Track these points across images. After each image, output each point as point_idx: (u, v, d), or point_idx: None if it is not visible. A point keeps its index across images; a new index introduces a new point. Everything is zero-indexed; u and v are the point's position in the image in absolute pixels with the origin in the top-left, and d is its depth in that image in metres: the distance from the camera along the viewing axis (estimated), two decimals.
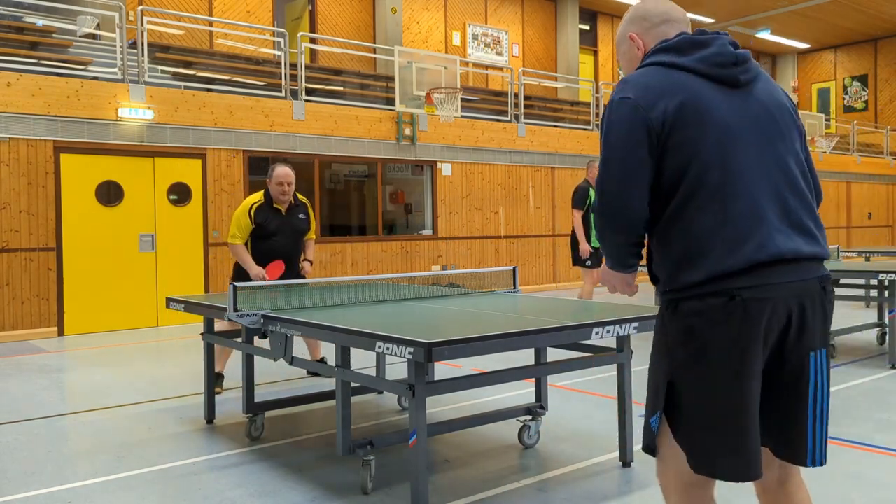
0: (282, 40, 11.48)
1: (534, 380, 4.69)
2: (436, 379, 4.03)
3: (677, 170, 1.98)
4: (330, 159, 11.81)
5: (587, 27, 21.26)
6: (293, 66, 11.97)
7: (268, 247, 5.79)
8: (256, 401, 4.61)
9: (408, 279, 9.48)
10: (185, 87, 10.71)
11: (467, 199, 13.28)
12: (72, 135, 9.25)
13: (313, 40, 15.38)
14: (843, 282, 7.77)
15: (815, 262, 2.03)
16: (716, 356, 1.95)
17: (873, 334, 8.23)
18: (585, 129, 15.66)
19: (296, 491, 3.70)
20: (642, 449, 2.15)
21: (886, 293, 6.68)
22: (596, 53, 21.72)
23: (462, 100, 12.66)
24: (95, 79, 9.67)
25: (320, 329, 3.54)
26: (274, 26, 15.14)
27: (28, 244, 9.05)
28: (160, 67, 11.71)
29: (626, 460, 3.96)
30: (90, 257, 9.46)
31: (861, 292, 10.23)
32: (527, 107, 15.60)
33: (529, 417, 4.35)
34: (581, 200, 8.40)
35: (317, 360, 6.26)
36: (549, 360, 4.26)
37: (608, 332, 3.47)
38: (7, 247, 8.91)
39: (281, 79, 11.50)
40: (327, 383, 6.04)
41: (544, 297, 4.98)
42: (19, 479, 3.94)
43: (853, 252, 11.71)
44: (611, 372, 5.96)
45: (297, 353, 4.17)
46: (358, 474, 3.83)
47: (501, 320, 3.64)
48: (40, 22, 12.07)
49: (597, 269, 8.42)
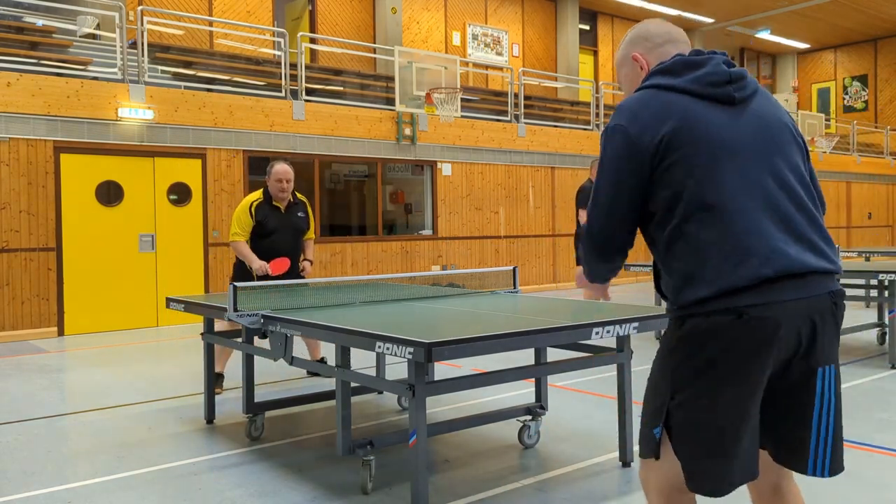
0: (282, 40, 11.48)
1: (534, 380, 4.69)
2: (436, 379, 4.03)
3: (675, 190, 1.98)
4: (330, 159, 11.81)
5: (587, 27, 21.26)
6: (293, 66, 11.97)
7: (268, 245, 5.80)
8: (256, 401, 4.61)
9: (408, 279, 9.49)
10: (185, 87, 10.71)
11: (467, 199, 13.28)
12: (72, 135, 9.26)
13: (313, 40, 15.38)
14: (842, 282, 7.78)
15: (825, 276, 1.98)
16: (720, 376, 1.93)
17: (873, 334, 8.23)
18: (585, 129, 15.66)
19: (296, 491, 3.70)
20: (641, 456, 2.14)
21: (886, 293, 6.68)
22: (596, 53, 21.72)
23: (462, 100, 12.66)
24: (95, 79, 9.67)
25: (320, 329, 3.53)
26: (274, 26, 15.14)
27: (28, 244, 9.05)
28: (160, 67, 11.71)
29: (626, 460, 3.96)
30: (90, 257, 9.46)
31: (861, 292, 10.24)
32: (527, 107, 15.60)
33: (529, 417, 4.35)
34: (585, 200, 8.39)
35: (317, 360, 6.26)
36: (549, 360, 4.26)
37: (608, 332, 3.47)
38: (7, 247, 8.91)
39: (281, 79, 11.50)
40: (327, 383, 6.04)
41: (544, 297, 4.98)
42: (19, 479, 3.94)
43: (853, 252, 11.71)
44: (611, 372, 5.96)
45: (297, 353, 4.18)
46: (358, 474, 3.83)
47: (501, 320, 3.64)
48: (40, 22, 12.07)
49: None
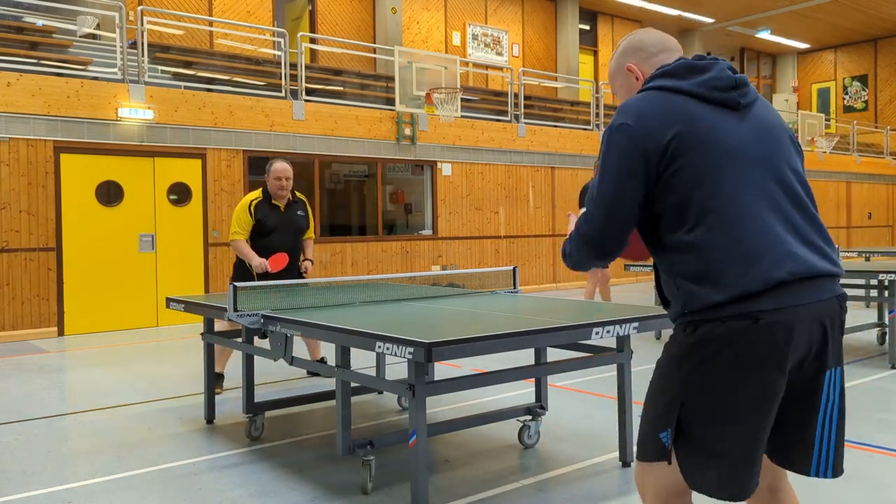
0: (282, 40, 11.48)
1: (534, 380, 4.69)
2: (436, 379, 4.03)
3: (684, 195, 1.97)
4: (330, 159, 11.81)
5: (587, 27, 21.26)
6: (293, 66, 11.97)
7: (267, 243, 5.79)
8: (256, 401, 4.61)
9: (408, 279, 9.49)
10: (185, 87, 10.71)
11: (467, 199, 13.28)
12: (72, 135, 9.26)
13: (313, 40, 15.38)
14: (843, 282, 7.77)
15: (831, 279, 1.99)
16: (736, 383, 1.91)
17: (873, 334, 8.23)
18: (585, 129, 15.66)
19: (296, 491, 3.70)
20: (640, 459, 2.12)
21: (886, 293, 6.68)
22: (596, 53, 21.72)
23: (462, 100, 12.66)
24: (95, 79, 9.67)
25: (320, 329, 3.53)
26: (274, 26, 15.14)
27: (28, 244, 9.05)
28: (160, 67, 11.72)
29: (626, 460, 3.96)
30: (90, 257, 9.46)
31: (861, 292, 10.22)
32: (527, 107, 15.60)
33: (529, 417, 4.35)
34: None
35: (317, 360, 6.26)
36: (549, 360, 4.26)
37: (608, 332, 3.47)
38: (7, 247, 8.91)
39: (281, 79, 11.50)
40: (327, 383, 6.04)
41: (544, 297, 4.98)
42: (19, 479, 3.94)
43: (853, 252, 11.71)
44: (611, 372, 5.96)
45: (297, 353, 4.18)
46: (358, 474, 3.83)
47: (501, 320, 3.64)
48: (40, 22, 12.07)
49: (602, 269, 8.42)
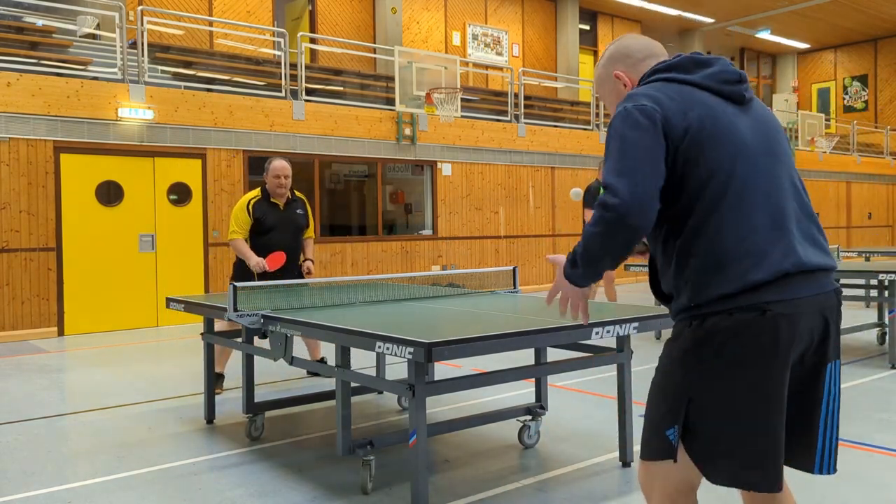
0: (282, 40, 11.48)
1: (534, 380, 4.69)
2: (436, 379, 4.03)
3: (700, 182, 1.96)
4: (330, 159, 11.81)
5: (587, 27, 21.27)
6: (293, 66, 11.97)
7: (267, 242, 5.79)
8: (256, 401, 4.61)
9: (408, 279, 9.49)
10: (185, 87, 10.72)
11: (467, 199, 13.28)
12: (72, 135, 9.26)
13: (313, 40, 15.38)
14: (843, 282, 7.77)
15: (828, 273, 2.03)
16: (743, 375, 1.92)
17: (873, 334, 8.23)
18: (585, 129, 15.66)
19: (296, 491, 3.70)
20: (644, 458, 2.10)
21: (886, 293, 6.68)
22: (596, 53, 21.71)
23: (462, 100, 12.66)
24: (95, 79, 9.67)
25: (320, 329, 3.53)
26: (274, 26, 15.13)
27: (28, 244, 9.05)
28: (160, 67, 11.72)
29: (626, 460, 3.96)
30: (90, 257, 9.46)
31: (861, 292, 10.21)
32: (527, 107, 15.60)
33: (529, 417, 4.35)
34: (592, 200, 8.41)
35: (317, 360, 6.26)
36: (549, 360, 4.26)
37: (608, 332, 3.47)
38: (7, 247, 8.91)
39: (281, 79, 11.50)
40: (327, 383, 6.04)
41: (544, 297, 4.97)
42: (19, 479, 3.94)
43: (853, 252, 11.71)
44: (611, 372, 5.96)
45: (297, 353, 4.17)
46: (358, 474, 3.83)
47: (501, 320, 3.64)
48: (40, 22, 12.07)
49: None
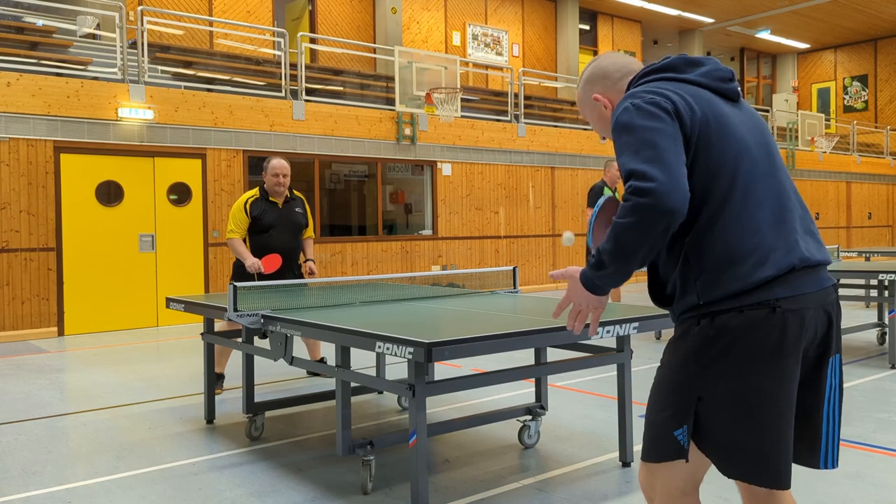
0: (282, 40, 11.48)
1: (534, 380, 4.69)
2: (436, 379, 4.03)
3: (706, 179, 1.95)
4: (330, 159, 11.81)
5: (587, 27, 21.27)
6: (293, 66, 11.97)
7: (265, 240, 5.78)
8: (256, 401, 4.61)
9: (408, 279, 9.49)
10: (185, 87, 10.72)
11: (467, 199, 13.28)
12: (72, 135, 9.26)
13: (313, 40, 15.38)
14: (843, 282, 7.77)
15: (825, 267, 2.05)
16: (754, 373, 1.92)
17: (873, 334, 8.23)
18: (585, 129, 15.65)
19: (296, 491, 3.70)
20: (648, 460, 2.09)
21: (886, 293, 6.68)
22: (596, 53, 21.71)
23: (462, 100, 12.66)
24: (95, 79, 9.67)
25: (320, 329, 3.53)
26: (274, 26, 15.14)
27: (28, 244, 9.05)
28: (160, 67, 11.72)
29: (626, 460, 3.96)
30: (90, 257, 9.46)
31: (861, 292, 10.20)
32: (527, 107, 15.60)
33: (529, 417, 4.35)
34: (593, 199, 8.41)
35: (317, 360, 6.25)
36: (549, 360, 4.26)
37: (608, 332, 3.47)
38: (7, 247, 8.91)
39: (281, 79, 11.50)
40: (327, 383, 6.04)
41: (544, 297, 4.98)
42: (19, 479, 3.94)
43: (853, 252, 11.70)
44: (611, 372, 5.97)
45: (297, 353, 4.17)
46: (358, 474, 3.83)
47: (501, 320, 3.64)
48: (40, 22, 12.07)
49: None
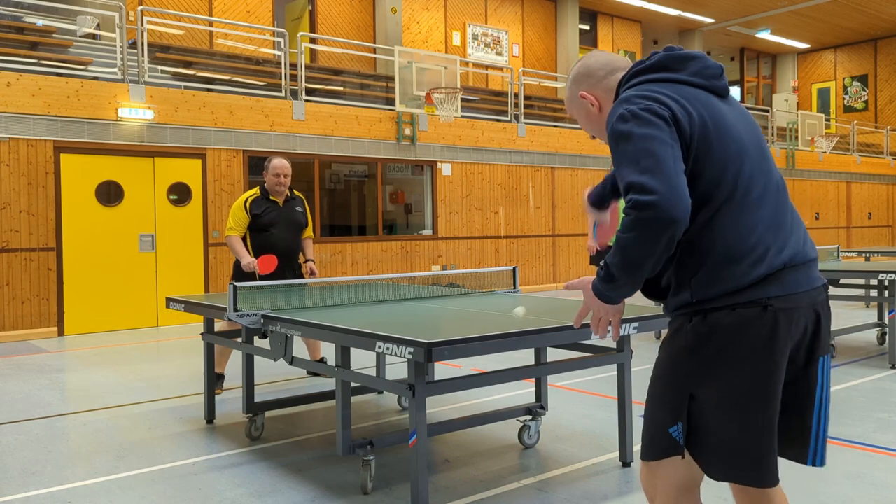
0: (282, 40, 11.48)
1: (534, 380, 4.69)
2: (436, 379, 4.03)
3: (709, 181, 1.95)
4: (330, 159, 11.81)
5: (587, 27, 21.26)
6: (293, 66, 11.97)
7: (266, 239, 5.78)
8: (256, 401, 4.61)
9: (408, 279, 9.49)
10: (185, 87, 10.71)
11: (467, 199, 13.28)
12: (72, 135, 9.26)
13: (313, 40, 15.38)
14: (843, 282, 7.78)
15: (815, 264, 2.05)
16: (745, 370, 1.93)
17: (873, 334, 8.23)
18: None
19: (296, 491, 3.70)
20: (647, 459, 2.10)
21: (886, 293, 6.68)
22: None
23: (462, 100, 12.66)
24: (95, 79, 9.67)
25: (320, 329, 3.53)
26: (274, 26, 15.13)
27: (28, 244, 9.05)
28: (160, 67, 11.72)
29: (626, 460, 3.96)
30: (90, 257, 9.46)
31: (861, 292, 10.20)
32: (527, 107, 15.60)
33: (529, 417, 4.35)
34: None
35: (317, 360, 6.25)
36: (549, 360, 4.26)
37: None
38: (7, 247, 8.91)
39: (281, 79, 11.50)
40: (327, 383, 6.04)
41: (544, 297, 4.98)
42: (19, 479, 3.94)
43: (853, 252, 11.70)
44: (611, 372, 5.97)
45: (297, 353, 4.17)
46: (358, 474, 3.83)
47: (501, 320, 3.63)
48: (40, 22, 12.07)
49: None
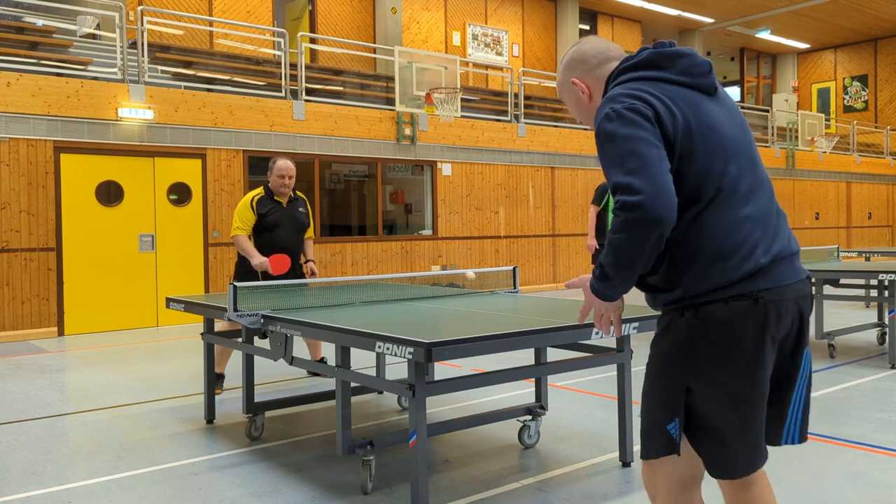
0: (282, 40, 11.48)
1: (534, 380, 4.69)
2: (436, 379, 4.03)
3: (694, 179, 1.97)
4: (330, 159, 11.81)
5: (587, 27, 21.26)
6: (293, 66, 11.97)
7: (270, 239, 5.81)
8: (256, 401, 4.61)
9: (408, 279, 9.49)
10: (185, 87, 10.71)
11: (467, 199, 13.28)
12: (72, 135, 9.26)
13: (313, 40, 15.38)
14: (843, 282, 7.77)
15: (799, 258, 2.10)
16: (738, 362, 1.95)
17: (873, 334, 8.23)
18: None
19: (296, 491, 3.70)
20: (646, 457, 2.10)
21: (886, 293, 6.68)
22: None
23: (462, 100, 12.66)
24: (95, 79, 9.67)
25: (320, 329, 3.53)
26: (274, 26, 15.14)
27: (28, 244, 9.05)
28: (160, 67, 11.72)
29: (626, 460, 3.96)
30: (90, 257, 9.46)
31: (861, 292, 10.21)
32: (527, 107, 15.60)
33: (529, 417, 4.35)
34: (599, 197, 8.45)
35: (317, 360, 6.26)
36: (549, 360, 4.26)
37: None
38: (7, 247, 8.91)
39: (281, 79, 11.50)
40: (327, 383, 6.04)
41: (544, 297, 4.98)
42: (19, 479, 3.94)
43: (853, 252, 11.70)
44: (611, 372, 5.97)
45: (297, 353, 4.17)
46: (358, 474, 3.83)
47: (501, 320, 3.63)
48: (40, 22, 12.07)
49: None
